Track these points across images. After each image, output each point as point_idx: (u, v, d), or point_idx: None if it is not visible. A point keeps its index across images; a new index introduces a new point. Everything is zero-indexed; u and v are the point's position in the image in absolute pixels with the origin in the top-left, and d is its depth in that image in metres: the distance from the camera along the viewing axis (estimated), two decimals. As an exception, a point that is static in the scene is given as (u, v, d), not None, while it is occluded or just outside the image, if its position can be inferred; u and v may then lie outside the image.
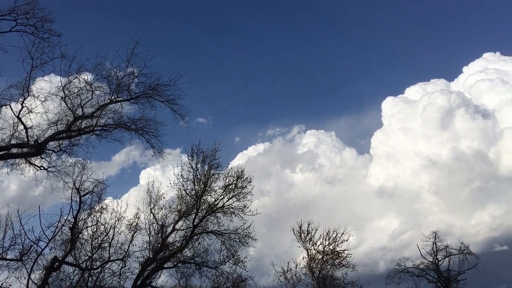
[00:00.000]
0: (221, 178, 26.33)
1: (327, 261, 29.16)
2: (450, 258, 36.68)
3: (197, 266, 25.48)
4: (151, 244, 25.25)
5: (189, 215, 25.75)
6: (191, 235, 25.40)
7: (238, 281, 25.86)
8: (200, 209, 25.58)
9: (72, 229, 22.77)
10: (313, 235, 29.49)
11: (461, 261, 36.28)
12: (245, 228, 25.92)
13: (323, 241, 29.25)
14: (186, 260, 25.61)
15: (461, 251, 36.36)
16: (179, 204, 26.15)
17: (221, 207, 25.94)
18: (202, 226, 25.91)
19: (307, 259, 29.03)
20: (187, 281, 25.72)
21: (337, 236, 29.31)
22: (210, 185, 25.98)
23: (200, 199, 25.56)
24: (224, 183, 26.21)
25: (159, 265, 25.06)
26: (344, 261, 29.02)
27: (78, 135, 22.02)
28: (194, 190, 25.79)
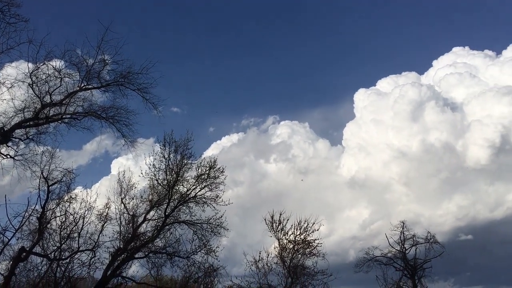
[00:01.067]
0: (194, 168, 26.26)
1: (298, 251, 29.51)
2: (417, 247, 37.76)
3: (168, 256, 25.38)
4: (121, 234, 25.01)
5: (161, 205, 25.57)
6: (162, 225, 25.25)
7: (210, 271, 25.96)
8: (172, 199, 25.42)
9: (40, 219, 22.34)
10: (285, 225, 29.73)
11: (427, 249, 37.40)
12: (218, 218, 25.94)
13: (295, 231, 29.53)
14: (157, 250, 25.48)
15: (428, 240, 37.45)
16: (150, 194, 25.95)
17: (193, 197, 25.84)
18: (174, 216, 25.78)
19: (279, 248, 29.31)
20: (158, 271, 25.64)
21: (308, 225, 29.65)
22: (182, 175, 25.85)
23: (172, 189, 25.40)
24: (196, 173, 26.14)
25: (129, 255, 24.85)
26: (314, 250, 29.42)
27: (46, 123, 21.50)
28: (166, 180, 25.60)
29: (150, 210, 25.52)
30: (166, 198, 25.32)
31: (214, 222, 25.88)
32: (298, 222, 29.68)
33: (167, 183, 25.46)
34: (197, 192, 25.88)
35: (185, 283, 26.30)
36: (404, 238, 37.72)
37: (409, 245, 37.79)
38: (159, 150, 25.83)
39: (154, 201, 25.52)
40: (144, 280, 26.90)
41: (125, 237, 24.99)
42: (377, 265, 37.59)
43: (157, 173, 25.64)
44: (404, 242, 37.72)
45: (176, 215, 25.83)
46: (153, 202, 25.49)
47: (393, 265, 37.66)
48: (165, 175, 25.63)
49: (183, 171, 25.79)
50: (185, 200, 25.68)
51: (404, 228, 37.87)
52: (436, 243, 37.27)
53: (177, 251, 25.60)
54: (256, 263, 28.78)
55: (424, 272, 37.28)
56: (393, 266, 37.63)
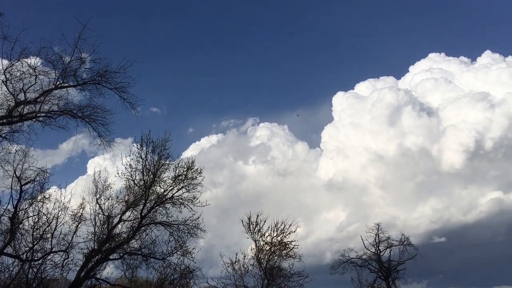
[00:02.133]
0: (171, 168, 26.10)
1: (274, 252, 29.62)
2: (391, 249, 38.40)
3: (144, 258, 25.15)
4: (96, 235, 24.67)
5: (137, 206, 25.31)
6: (138, 226, 25.01)
7: (186, 272, 25.84)
8: (148, 200, 25.21)
9: (12, 219, 21.89)
10: (262, 227, 29.81)
11: (402, 252, 38.07)
12: (194, 219, 25.83)
13: (271, 232, 29.65)
14: (132, 252, 25.22)
15: (402, 242, 38.08)
16: (127, 194, 25.67)
17: (170, 198, 25.68)
18: (150, 217, 25.58)
19: (255, 250, 29.37)
20: (133, 272, 25.40)
21: (285, 227, 29.81)
22: (159, 176, 25.66)
23: (149, 190, 25.19)
24: (174, 173, 25.96)
25: (104, 257, 24.53)
26: (291, 252, 29.60)
27: (20, 121, 21.04)
28: (143, 180, 25.36)
29: (126, 211, 25.23)
30: (142, 198, 25.08)
31: (191, 223, 25.77)
32: (275, 224, 29.81)
33: (143, 183, 25.24)
34: (174, 193, 25.74)
35: (161, 285, 26.11)
36: (379, 241, 38.32)
37: (384, 247, 38.47)
38: (136, 150, 25.62)
39: (130, 201, 25.25)
40: (118, 281, 26.65)
41: (99, 238, 24.65)
42: (352, 267, 38.12)
43: (133, 174, 25.42)
44: (379, 244, 38.34)
45: (152, 216, 25.63)
46: (129, 202, 25.22)
47: (368, 267, 38.21)
48: (141, 176, 25.41)
49: (160, 171, 25.61)
50: (162, 201, 25.49)
51: (379, 231, 38.50)
52: (410, 245, 37.98)
53: (153, 252, 25.40)
54: (232, 264, 28.77)
55: (398, 274, 37.96)
56: (368, 268, 38.17)
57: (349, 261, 38.21)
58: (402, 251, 37.89)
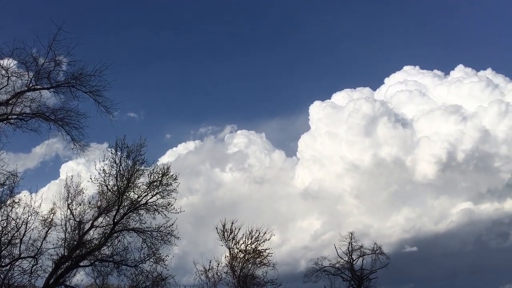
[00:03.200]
0: (146, 174, 25.81)
1: (248, 260, 29.63)
2: (364, 258, 38.84)
3: (115, 265, 24.72)
4: (66, 241, 24.12)
5: (109, 212, 24.91)
6: (110, 233, 24.60)
7: (158, 280, 25.50)
8: (122, 206, 24.84)
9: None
10: (236, 234, 29.84)
11: (374, 260, 38.56)
12: (168, 226, 25.57)
13: (246, 240, 29.69)
14: (104, 258, 24.77)
15: (374, 251, 38.60)
16: (99, 200, 25.23)
17: (144, 204, 25.35)
18: (123, 223, 25.18)
19: (229, 257, 29.31)
20: (104, 280, 24.93)
21: (259, 235, 29.89)
22: (133, 181, 25.33)
23: (122, 195, 24.83)
24: (148, 179, 25.68)
25: (74, 263, 24.04)
26: (265, 260, 29.68)
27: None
28: (117, 186, 24.99)
29: (98, 217, 24.79)
30: (115, 204, 24.71)
31: (165, 230, 25.48)
32: (250, 232, 29.89)
33: (117, 189, 24.87)
34: (149, 199, 25.41)
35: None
36: (352, 249, 38.73)
37: (357, 256, 38.88)
38: (111, 155, 25.27)
39: (103, 207, 24.83)
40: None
41: (70, 244, 24.14)
42: (325, 275, 38.40)
43: (107, 179, 24.99)
44: (352, 253, 38.74)
45: (125, 223, 25.24)
46: (102, 208, 24.79)
47: (340, 275, 38.54)
48: (115, 181, 25.03)
49: (134, 177, 25.29)
50: (136, 207, 25.16)
51: (353, 239, 38.91)
52: (382, 254, 38.52)
53: (125, 259, 24.98)
54: (206, 272, 28.68)
55: (370, 283, 38.43)
56: (341, 277, 38.52)
57: (323, 269, 38.49)
58: (374, 260, 38.43)
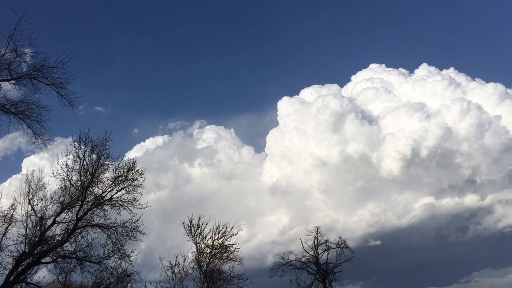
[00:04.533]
0: (111, 169, 25.40)
1: (215, 255, 29.64)
2: (329, 252, 39.46)
3: (78, 261, 24.27)
4: (27, 237, 23.53)
5: (72, 207, 24.40)
6: (73, 229, 24.11)
7: (123, 276, 25.20)
8: (85, 201, 24.39)
9: None
10: (203, 229, 29.78)
11: (339, 254, 39.25)
12: (134, 221, 25.28)
13: (213, 235, 29.68)
14: (66, 255, 24.28)
15: (339, 245, 39.29)
16: (62, 195, 24.66)
17: (109, 199, 24.97)
18: (87, 219, 24.73)
19: (196, 253, 29.24)
20: (66, 277, 24.45)
21: (226, 230, 29.93)
22: (98, 176, 24.89)
23: (86, 191, 24.36)
24: (114, 174, 25.27)
25: (35, 260, 23.44)
26: (232, 255, 29.76)
27: None
28: (80, 181, 24.47)
29: (61, 213, 24.25)
30: (79, 200, 24.23)
31: (130, 226, 25.21)
32: (217, 227, 29.88)
33: (80, 184, 24.36)
34: (113, 194, 25.06)
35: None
36: (317, 243, 39.29)
37: (322, 250, 39.46)
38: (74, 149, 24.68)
39: (66, 203, 24.28)
40: (50, 286, 25.60)
41: (31, 240, 23.54)
42: (291, 270, 38.81)
43: (70, 174, 24.44)
44: (318, 247, 39.29)
45: (89, 218, 24.79)
46: (65, 204, 24.25)
47: (306, 269, 39.04)
48: (79, 176, 24.50)
49: (99, 172, 24.84)
50: (100, 203, 24.73)
51: (318, 234, 39.47)
52: (346, 248, 39.25)
53: (89, 255, 24.57)
54: (172, 268, 28.51)
55: (335, 276, 39.12)
56: (306, 270, 39.02)
57: (288, 263, 38.91)
58: (339, 253, 39.11)
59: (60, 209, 24.18)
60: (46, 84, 21.09)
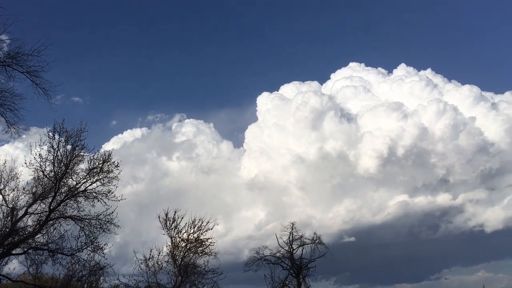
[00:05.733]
0: (86, 160, 25.04)
1: (190, 249, 29.60)
2: (303, 247, 39.86)
3: (50, 253, 23.97)
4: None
5: (45, 198, 23.99)
6: (46, 220, 23.73)
7: (96, 269, 24.99)
8: (58, 192, 24.01)
9: None
10: (179, 223, 29.69)
11: (313, 250, 39.65)
12: (108, 214, 25.03)
13: (188, 229, 29.62)
14: (38, 247, 23.92)
15: (313, 241, 39.70)
16: (35, 186, 24.21)
17: (83, 191, 24.64)
18: (60, 211, 24.37)
19: (171, 246, 29.14)
20: (38, 268, 24.12)
21: (202, 224, 29.90)
22: (72, 168, 24.50)
23: (60, 182, 23.97)
24: (88, 166, 24.94)
25: (6, 251, 23.02)
26: (207, 249, 29.76)
27: None
28: (54, 171, 24.05)
29: (33, 203, 23.82)
30: (52, 191, 23.83)
31: (104, 218, 24.95)
32: (193, 221, 29.82)
33: (54, 175, 23.94)
34: (88, 186, 24.74)
35: (67, 282, 25.01)
36: (292, 239, 39.62)
37: (297, 246, 39.80)
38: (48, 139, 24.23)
39: (38, 193, 23.86)
40: (21, 278, 25.18)
41: (2, 231, 23.10)
42: (266, 264, 39.05)
43: (43, 164, 23.99)
44: (292, 243, 39.63)
45: (62, 210, 24.43)
46: (37, 195, 23.82)
47: (281, 264, 39.35)
48: (52, 167, 24.07)
49: (73, 163, 24.44)
50: (74, 194, 24.39)
51: (293, 229, 39.77)
52: (321, 244, 39.67)
53: (61, 247, 24.28)
54: (146, 261, 28.33)
55: (309, 272, 39.55)
56: (281, 266, 39.33)
57: (263, 258, 39.13)
58: (313, 249, 39.51)
59: (32, 200, 23.76)
60: (20, 72, 20.57)
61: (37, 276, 24.47)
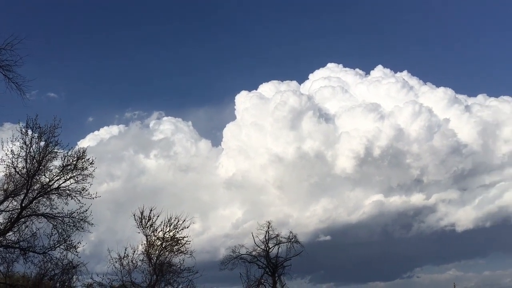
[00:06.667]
0: (60, 157, 24.62)
1: (166, 248, 29.49)
2: (279, 246, 40.03)
3: (22, 251, 23.46)
4: (-33, 225, 22.46)
5: (17, 196, 23.48)
6: (17, 217, 23.25)
7: (68, 268, 24.64)
8: (31, 190, 23.54)
9: None
10: (155, 221, 29.55)
11: (289, 249, 39.86)
12: (82, 212, 24.68)
13: (164, 228, 29.51)
14: (9, 244, 23.39)
15: (289, 240, 39.95)
16: (6, 183, 23.70)
17: (56, 188, 24.23)
18: (32, 208, 23.90)
19: (146, 245, 28.97)
20: (8, 267, 23.63)
21: (178, 222, 29.82)
22: (45, 164, 24.07)
23: (32, 179, 23.51)
24: (62, 163, 24.53)
25: (-25, 249, 22.47)
26: (182, 248, 29.70)
27: None
28: (26, 168, 23.57)
29: (4, 201, 23.31)
30: (24, 188, 23.35)
31: (78, 216, 24.58)
32: (169, 219, 29.71)
33: (26, 171, 23.47)
34: (61, 183, 24.32)
35: (39, 281, 24.59)
36: (268, 238, 39.71)
37: (273, 244, 39.96)
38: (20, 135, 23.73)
39: (10, 190, 23.35)
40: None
41: (-29, 228, 22.52)
42: (242, 263, 39.08)
43: (15, 161, 23.48)
44: (269, 241, 39.75)
45: (34, 207, 23.95)
46: (8, 191, 23.32)
47: (256, 263, 39.42)
48: (25, 163, 23.59)
49: (46, 159, 24.01)
50: (46, 191, 23.96)
51: (270, 228, 39.90)
52: (296, 242, 39.91)
53: (33, 246, 23.79)
54: (120, 260, 28.12)
55: (284, 270, 39.75)
56: (257, 264, 39.41)
57: (239, 257, 39.14)
58: (289, 248, 39.73)
59: (3, 197, 23.25)
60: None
61: (8, 275, 23.99)
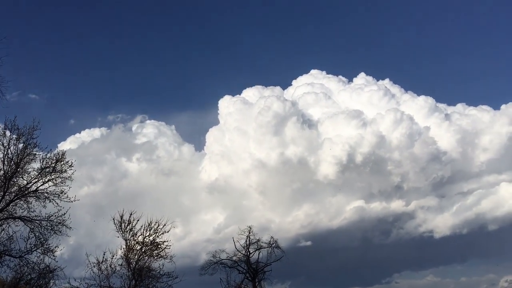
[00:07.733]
0: (38, 159, 24.35)
1: (145, 252, 29.20)
2: (260, 251, 39.96)
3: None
4: None
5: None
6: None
7: (45, 272, 24.26)
8: (8, 192, 23.29)
9: None
10: (134, 226, 29.23)
11: (269, 254, 39.81)
12: (60, 215, 24.39)
13: (144, 232, 29.22)
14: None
15: (270, 245, 39.93)
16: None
17: (34, 191, 23.99)
18: (9, 211, 23.60)
19: (125, 249, 28.65)
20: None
21: (159, 227, 29.57)
22: (23, 166, 23.80)
23: (9, 181, 23.26)
24: (40, 165, 24.26)
25: None
26: (162, 253, 29.44)
27: None
28: (3, 170, 23.28)
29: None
30: (1, 190, 23.08)
31: (56, 220, 24.32)
32: (149, 223, 29.43)
33: (3, 173, 23.18)
34: (39, 186, 24.12)
35: (15, 285, 24.14)
36: (249, 243, 39.61)
37: (254, 249, 39.89)
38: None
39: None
40: (-36, 280, 24.06)
41: None
42: (222, 268, 38.90)
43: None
44: (249, 246, 39.67)
45: (11, 210, 23.68)
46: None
47: (237, 268, 39.27)
48: (2, 165, 23.25)
49: (24, 162, 23.77)
50: (24, 194, 23.71)
51: (250, 233, 39.85)
52: (277, 248, 39.92)
53: (9, 249, 23.51)
54: (99, 264, 27.72)
55: (264, 275, 39.67)
56: (237, 269, 39.24)
57: (220, 262, 38.96)
58: (270, 253, 39.67)
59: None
60: (-30, 67, 19.89)
61: (-18, 279, 23.49)
